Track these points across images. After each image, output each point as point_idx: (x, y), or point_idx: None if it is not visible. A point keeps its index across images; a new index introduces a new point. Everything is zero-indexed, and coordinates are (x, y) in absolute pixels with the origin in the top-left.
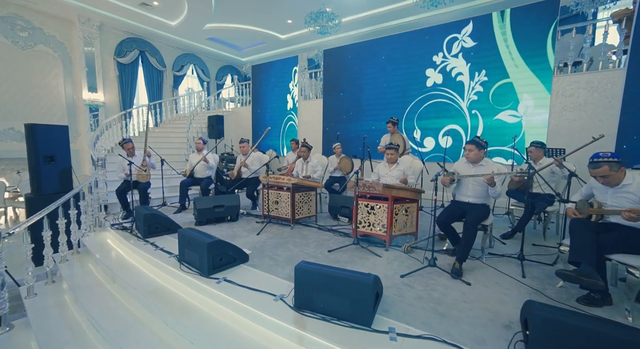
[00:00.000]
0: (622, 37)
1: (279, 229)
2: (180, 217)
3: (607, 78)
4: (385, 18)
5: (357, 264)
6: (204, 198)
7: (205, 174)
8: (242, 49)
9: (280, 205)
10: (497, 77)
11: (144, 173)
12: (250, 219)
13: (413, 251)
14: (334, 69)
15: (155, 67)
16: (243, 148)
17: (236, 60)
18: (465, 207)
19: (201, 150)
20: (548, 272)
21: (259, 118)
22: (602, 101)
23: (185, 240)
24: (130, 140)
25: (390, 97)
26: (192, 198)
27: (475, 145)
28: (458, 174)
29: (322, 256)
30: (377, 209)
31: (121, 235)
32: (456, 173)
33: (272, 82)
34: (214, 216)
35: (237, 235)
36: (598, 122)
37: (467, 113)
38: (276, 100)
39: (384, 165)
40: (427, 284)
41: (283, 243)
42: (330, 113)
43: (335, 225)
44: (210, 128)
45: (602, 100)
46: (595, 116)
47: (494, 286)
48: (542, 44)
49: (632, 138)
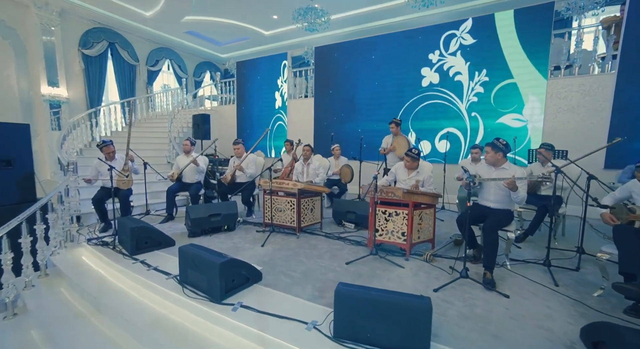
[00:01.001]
0: (611, 42)
1: (284, 239)
2: (168, 228)
3: (598, 82)
4: (375, 17)
5: (382, 278)
6: (197, 207)
7: (194, 178)
8: (223, 45)
9: (284, 213)
10: (500, 77)
11: (125, 179)
12: (248, 228)
13: (435, 260)
14: (326, 67)
15: (127, 61)
16: (238, 150)
17: (215, 57)
18: (486, 211)
19: (189, 152)
20: (577, 278)
21: (244, 118)
22: (593, 104)
23: (188, 260)
24: (111, 142)
25: (385, 96)
26: (178, 205)
27: (492, 147)
28: (479, 177)
29: (342, 270)
30: (396, 216)
31: (101, 252)
32: (477, 176)
33: (259, 80)
34: (210, 227)
35: (239, 248)
36: (590, 124)
37: (467, 115)
38: (264, 98)
39: (403, 169)
40: (465, 298)
41: (293, 256)
42: (323, 113)
43: (342, 231)
44: (195, 128)
45: (594, 103)
46: (588, 118)
47: (532, 297)
48: (547, 46)
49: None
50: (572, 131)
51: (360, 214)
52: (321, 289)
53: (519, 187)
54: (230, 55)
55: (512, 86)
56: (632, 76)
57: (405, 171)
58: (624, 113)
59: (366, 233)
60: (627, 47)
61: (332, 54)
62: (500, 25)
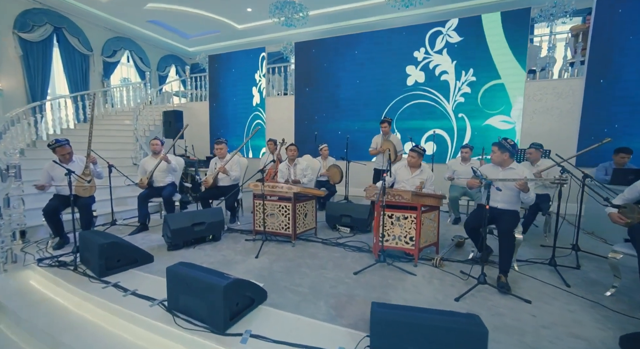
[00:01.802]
0: (580, 49)
1: (279, 248)
2: (142, 240)
3: (569, 85)
4: (354, 15)
5: (397, 288)
6: (178, 215)
7: (165, 180)
8: (191, 38)
9: (277, 218)
10: (487, 77)
11: (86, 185)
12: (235, 236)
13: (444, 264)
14: (307, 64)
15: (77, 49)
16: (221, 150)
17: (182, 50)
18: (494, 213)
19: (159, 152)
20: (582, 277)
21: (218, 116)
22: (565, 106)
23: (179, 283)
24: (66, 141)
25: (369, 95)
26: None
27: (499, 147)
28: (487, 177)
29: (351, 281)
30: (404, 220)
31: (57, 275)
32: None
33: (235, 74)
34: (193, 237)
35: (230, 261)
36: (563, 125)
37: (453, 116)
38: (240, 94)
39: (404, 168)
40: (489, 307)
41: (294, 267)
42: (304, 111)
43: (339, 237)
44: (166, 126)
45: (566, 105)
46: (561, 120)
47: (552, 301)
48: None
49: (590, 139)
50: (547, 131)
51: (356, 217)
52: (336, 306)
53: (530, 188)
54: (199, 49)
55: (500, 87)
56: (598, 80)
57: (408, 170)
58: (592, 115)
59: (364, 237)
60: (593, 53)
61: (314, 50)
62: (487, 27)
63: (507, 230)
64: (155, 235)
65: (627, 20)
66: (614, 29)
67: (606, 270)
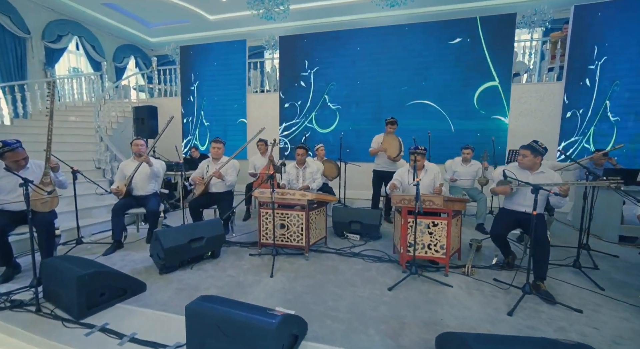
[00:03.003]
0: (559, 55)
1: (292, 262)
2: (121, 262)
3: (550, 89)
4: (337, 12)
5: (442, 304)
6: (171, 231)
7: (148, 188)
8: (153, 26)
9: (287, 229)
10: (482, 79)
11: (46, 197)
12: (235, 251)
13: (475, 272)
14: (294, 59)
15: (9, 30)
16: (218, 151)
17: (143, 40)
18: (521, 217)
19: (142, 154)
20: (607, 278)
21: (193, 113)
22: (547, 108)
23: (206, 325)
24: (18, 144)
25: (361, 94)
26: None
27: (531, 151)
28: (522, 183)
29: (390, 299)
30: (434, 227)
31: (11, 322)
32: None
33: (214, 68)
34: (190, 256)
35: (242, 283)
36: (545, 127)
37: (449, 116)
38: (221, 90)
39: (409, 173)
40: (547, 321)
41: (320, 286)
42: (291, 109)
43: (350, 245)
44: (138, 124)
45: (547, 108)
46: (543, 121)
47: (599, 309)
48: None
49: (569, 140)
50: (531, 132)
51: (366, 223)
52: (390, 333)
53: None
54: (163, 40)
55: (494, 89)
56: (576, 84)
57: (412, 173)
58: (570, 116)
59: (377, 244)
60: (571, 59)
61: (301, 45)
62: (483, 29)
63: (542, 235)
64: (137, 254)
65: (602, 29)
66: (590, 37)
67: (623, 269)
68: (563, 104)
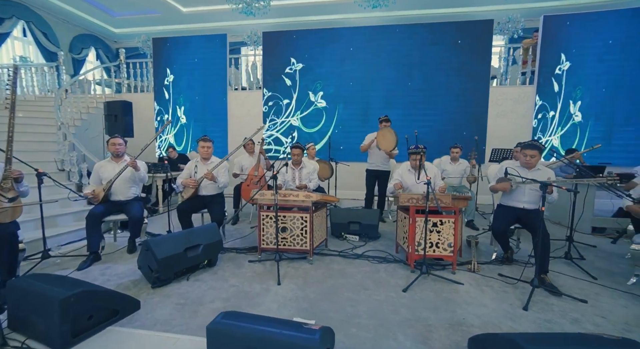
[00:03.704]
0: (530, 60)
1: (296, 267)
2: (102, 277)
3: (523, 92)
4: (320, 11)
5: (459, 303)
6: (165, 240)
7: (129, 193)
8: (118, 16)
9: (292, 233)
10: (464, 81)
11: (6, 206)
12: (232, 257)
13: (480, 268)
14: (278, 56)
15: None
16: (207, 150)
17: (104, 30)
18: (521, 213)
19: (121, 155)
20: (596, 267)
21: (168, 111)
22: (521, 110)
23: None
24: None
25: (349, 93)
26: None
27: (538, 151)
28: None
29: (408, 301)
30: (441, 225)
31: None
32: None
33: (193, 63)
34: (185, 267)
35: (249, 293)
36: (519, 127)
37: (438, 115)
38: (199, 86)
39: (408, 172)
40: (560, 313)
41: (332, 291)
42: (275, 108)
43: (351, 247)
44: (110, 121)
45: (521, 110)
46: (517, 122)
47: (600, 298)
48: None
49: (540, 139)
50: (507, 132)
51: (366, 224)
52: (420, 338)
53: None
54: (128, 31)
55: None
56: (546, 88)
57: (413, 173)
58: (541, 117)
59: (377, 244)
60: (541, 64)
61: (286, 41)
62: (463, 33)
63: (544, 230)
64: (120, 267)
65: (568, 38)
66: (557, 44)
67: (604, 258)
68: (535, 106)
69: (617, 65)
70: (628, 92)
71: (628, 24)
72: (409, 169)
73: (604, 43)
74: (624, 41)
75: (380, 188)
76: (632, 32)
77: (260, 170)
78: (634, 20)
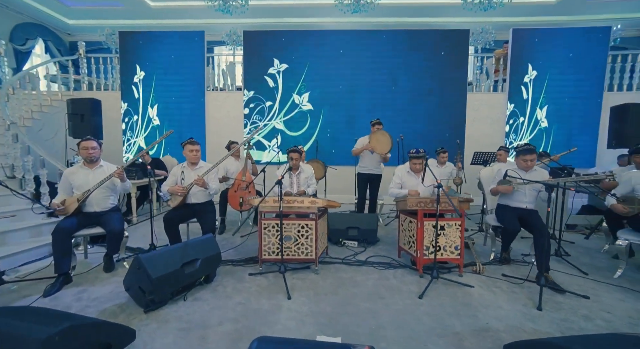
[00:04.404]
0: (502, 69)
1: (301, 278)
2: (77, 303)
3: (496, 98)
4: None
5: (476, 307)
6: (156, 255)
7: (106, 203)
8: (73, 5)
9: (296, 241)
10: (444, 86)
11: None
12: (229, 270)
13: (484, 269)
14: (260, 56)
15: None
16: (195, 154)
17: (56, 20)
18: (523, 213)
19: (96, 161)
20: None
21: (138, 111)
22: (495, 115)
23: None
24: None
25: (334, 95)
26: None
27: (537, 155)
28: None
29: (428, 308)
30: (449, 228)
31: None
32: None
33: (167, 60)
34: (182, 285)
35: (259, 311)
36: (494, 132)
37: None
38: (173, 85)
39: (408, 175)
40: (572, 312)
41: (346, 302)
42: (256, 110)
43: (352, 253)
44: (75, 122)
45: (495, 115)
46: (492, 127)
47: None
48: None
49: (511, 143)
50: (483, 136)
51: (364, 229)
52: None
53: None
54: (86, 24)
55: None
56: (515, 95)
57: (413, 175)
58: (512, 122)
59: (377, 249)
60: (511, 73)
61: (268, 41)
62: (442, 41)
63: (546, 229)
64: (98, 290)
65: (534, 49)
66: (525, 55)
67: (585, 253)
68: (507, 112)
69: (574, 77)
70: (584, 101)
71: (584, 40)
72: (407, 171)
73: (565, 56)
74: (580, 55)
75: (372, 192)
76: (585, 48)
77: (248, 175)
78: (588, 37)
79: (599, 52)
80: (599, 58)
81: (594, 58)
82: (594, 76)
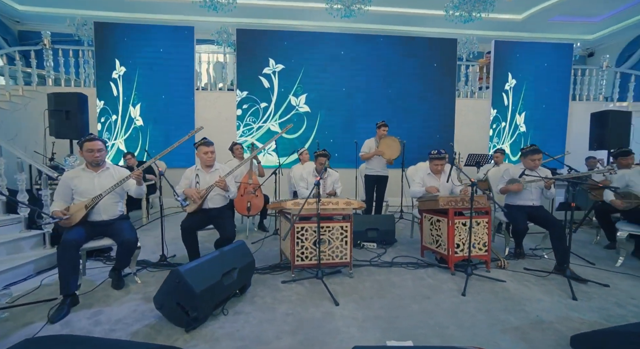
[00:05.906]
0: (485, 77)
1: (337, 282)
2: (96, 326)
3: (480, 105)
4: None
5: (520, 301)
6: (196, 266)
7: (115, 210)
8: None
9: (330, 244)
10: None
11: None
12: (257, 279)
13: (508, 263)
14: (254, 56)
15: None
16: (211, 156)
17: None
18: (532, 210)
19: (101, 164)
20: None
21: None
22: (480, 121)
23: None
24: None
25: (331, 97)
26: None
27: (542, 154)
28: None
29: (478, 304)
30: (477, 226)
31: None
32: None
33: (152, 55)
34: (220, 298)
35: (312, 320)
36: (479, 136)
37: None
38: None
39: (429, 177)
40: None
41: (397, 305)
42: (250, 111)
43: (374, 256)
44: (58, 119)
45: (480, 120)
46: (477, 132)
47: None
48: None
49: (494, 146)
50: (469, 140)
51: (384, 230)
52: (521, 344)
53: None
54: (42, 12)
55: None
56: (498, 101)
57: (433, 176)
58: (496, 127)
59: (398, 250)
60: (494, 81)
61: (264, 40)
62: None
63: (561, 223)
64: (116, 311)
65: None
66: (505, 64)
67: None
68: (490, 117)
69: (547, 87)
70: (555, 109)
71: (555, 54)
72: (428, 173)
73: (540, 67)
74: (551, 67)
75: (379, 193)
76: (555, 61)
77: (254, 177)
78: (557, 52)
79: (565, 65)
80: (564, 71)
81: (562, 70)
82: (562, 87)
